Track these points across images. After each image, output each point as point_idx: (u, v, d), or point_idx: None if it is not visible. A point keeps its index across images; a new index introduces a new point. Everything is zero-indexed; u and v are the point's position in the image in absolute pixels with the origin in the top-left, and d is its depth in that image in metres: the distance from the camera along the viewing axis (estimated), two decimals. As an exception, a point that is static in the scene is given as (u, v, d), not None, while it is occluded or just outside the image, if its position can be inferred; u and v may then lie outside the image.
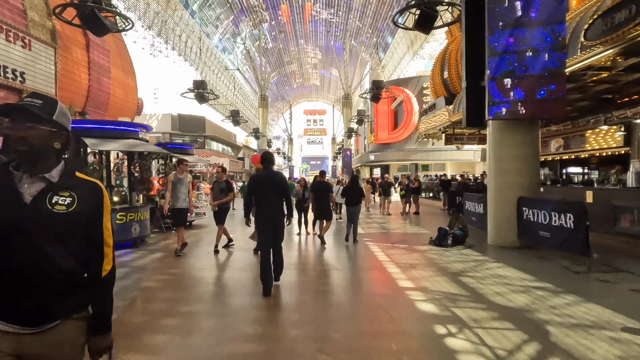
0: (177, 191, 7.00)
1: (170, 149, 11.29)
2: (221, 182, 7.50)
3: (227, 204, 7.70)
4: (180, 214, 7.15)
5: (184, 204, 7.09)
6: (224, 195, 7.43)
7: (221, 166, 7.95)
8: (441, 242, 7.98)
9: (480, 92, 8.43)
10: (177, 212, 7.13)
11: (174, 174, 7.14)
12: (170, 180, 7.08)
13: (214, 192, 7.60)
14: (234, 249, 7.97)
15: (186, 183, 7.08)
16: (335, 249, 8.11)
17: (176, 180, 7.05)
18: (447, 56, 16.62)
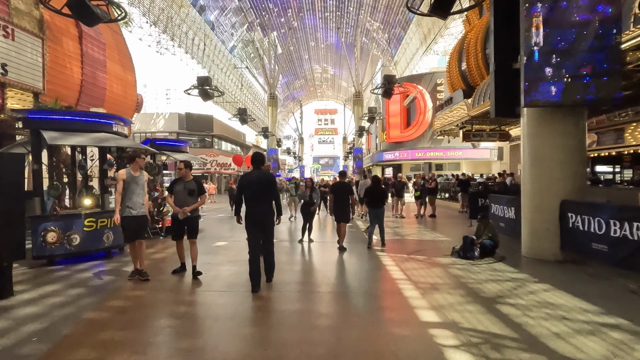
0: (132, 193, 5.40)
1: (159, 146, 10.19)
2: (189, 181, 5.70)
3: (197, 210, 5.89)
4: (135, 223, 5.44)
5: (142, 209, 5.52)
6: (194, 199, 5.67)
7: (184, 161, 5.85)
8: (467, 253, 6.70)
9: (512, 76, 7.15)
10: (131, 221, 5.39)
11: (126, 171, 5.46)
12: (120, 178, 5.38)
13: (178, 195, 5.67)
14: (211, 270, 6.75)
15: (142, 183, 5.58)
16: (340, 263, 6.89)
17: (130, 178, 5.43)
18: (466, 46, 15.29)
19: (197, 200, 5.75)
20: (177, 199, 5.67)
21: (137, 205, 5.46)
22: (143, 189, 5.58)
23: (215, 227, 11.96)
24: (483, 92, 12.41)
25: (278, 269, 5.99)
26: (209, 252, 7.67)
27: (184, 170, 5.72)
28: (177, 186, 5.70)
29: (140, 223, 5.54)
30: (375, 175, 10.42)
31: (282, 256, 7.36)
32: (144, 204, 5.60)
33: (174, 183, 5.76)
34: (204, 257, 6.99)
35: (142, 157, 5.63)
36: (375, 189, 8.28)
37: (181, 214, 5.60)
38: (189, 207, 5.60)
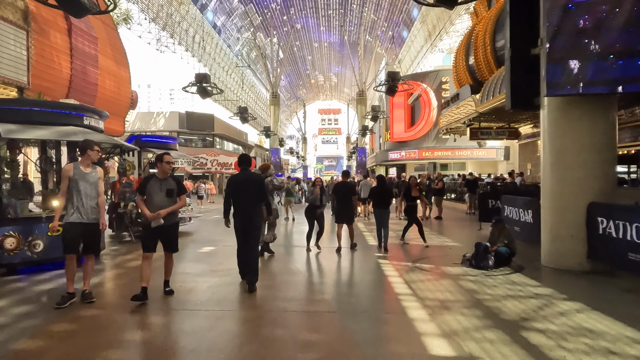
0: (81, 194, 4.35)
1: (145, 143, 9.49)
2: (166, 179, 4.60)
3: (176, 215, 4.78)
4: (82, 232, 4.38)
5: (92, 215, 4.43)
6: (172, 202, 4.58)
7: (161, 154, 4.72)
8: (479, 262, 5.92)
9: (530, 64, 6.35)
10: (76, 228, 4.33)
11: (74, 166, 4.42)
12: (66, 175, 4.36)
13: (153, 198, 4.49)
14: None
15: (95, 182, 4.47)
16: (337, 274, 6.13)
17: (78, 175, 4.37)
18: (473, 39, 14.49)
19: (177, 201, 4.70)
20: (151, 202, 4.51)
21: (87, 209, 4.38)
22: (96, 190, 4.49)
23: (208, 229, 11.22)
24: (493, 87, 11.61)
25: (266, 279, 5.33)
26: (191, 259, 6.93)
27: (164, 166, 4.59)
28: (151, 186, 4.51)
29: (91, 233, 4.44)
30: (380, 174, 9.72)
31: (273, 264, 6.62)
32: (98, 208, 4.51)
33: (147, 182, 4.57)
34: (183, 266, 6.26)
35: (96, 150, 4.58)
36: (381, 188, 7.99)
37: (155, 221, 4.41)
38: (164, 210, 4.50)
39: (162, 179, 4.60)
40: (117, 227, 9.09)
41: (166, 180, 4.62)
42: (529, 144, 18.93)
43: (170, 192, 4.59)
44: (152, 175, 4.65)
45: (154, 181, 4.57)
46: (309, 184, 24.97)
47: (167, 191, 4.56)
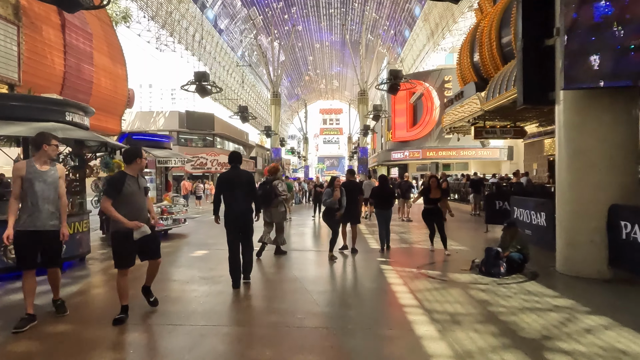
0: (35, 196, 3.66)
1: (137, 141, 9.08)
2: (138, 177, 3.94)
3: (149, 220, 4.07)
4: (40, 241, 3.74)
5: (50, 221, 3.75)
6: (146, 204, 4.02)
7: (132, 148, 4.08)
8: (490, 269, 5.48)
9: (544, 56, 5.96)
10: (31, 239, 3.69)
11: (27, 164, 3.74)
12: (17, 175, 3.68)
13: (131, 200, 3.80)
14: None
15: (54, 181, 3.80)
16: (335, 280, 5.71)
17: (33, 174, 3.69)
18: (478, 35, 14.07)
19: (150, 203, 4.17)
20: (130, 205, 3.77)
21: (44, 214, 3.70)
22: (55, 191, 3.80)
23: (204, 231, 10.80)
24: (499, 83, 11.18)
25: (259, 287, 5.03)
26: (181, 264, 6.52)
27: (143, 162, 3.94)
28: (129, 185, 3.77)
29: (49, 242, 3.78)
30: (382, 174, 9.34)
31: (269, 269, 6.20)
32: (58, 213, 3.82)
33: (122, 180, 3.76)
34: (172, 272, 5.85)
35: (54, 145, 3.89)
36: (384, 188, 7.85)
37: (138, 231, 3.70)
38: (152, 217, 4.05)
39: (137, 176, 3.95)
40: (108, 230, 8.66)
41: (140, 178, 4.03)
42: (534, 143, 18.46)
43: (146, 191, 4.09)
44: (123, 173, 3.90)
45: (130, 179, 3.82)
46: (309, 184, 24.57)
47: (145, 190, 4.04)
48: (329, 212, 6.90)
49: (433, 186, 7.23)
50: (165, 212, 9.35)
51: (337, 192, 6.75)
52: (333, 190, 6.76)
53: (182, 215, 10.23)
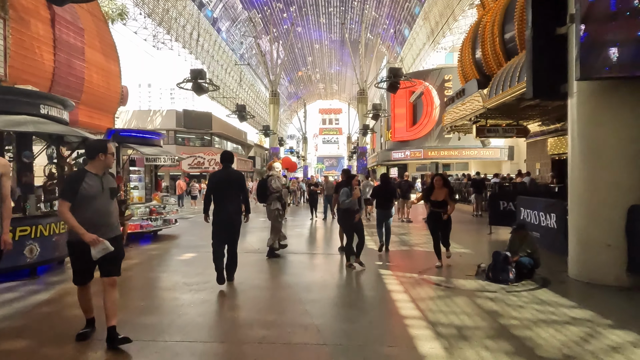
0: None
1: (125, 138, 8.66)
2: (105, 176, 3.26)
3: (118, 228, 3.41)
4: None
5: None
6: (115, 206, 3.38)
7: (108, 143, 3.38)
8: (498, 275, 5.06)
9: (555, 46, 5.55)
10: None
11: None
12: None
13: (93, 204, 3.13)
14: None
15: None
16: (330, 288, 5.28)
17: None
18: (481, 31, 13.68)
19: (116, 203, 3.45)
20: (89, 209, 3.09)
21: None
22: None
23: (195, 232, 10.36)
24: (502, 80, 10.77)
25: (246, 295, 4.69)
26: (166, 269, 6.10)
27: (109, 158, 3.24)
28: (89, 186, 3.11)
29: None
30: (384, 173, 9.00)
31: (261, 274, 5.77)
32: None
33: (78, 179, 3.13)
34: (155, 277, 5.43)
35: None
36: (386, 188, 7.64)
37: (97, 248, 2.99)
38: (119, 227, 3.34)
39: (101, 175, 3.23)
40: None
41: (105, 176, 3.28)
42: (537, 142, 18.05)
43: (114, 193, 3.35)
44: (84, 170, 3.22)
45: (90, 178, 3.14)
46: (307, 184, 24.10)
47: (111, 191, 3.29)
48: (347, 213, 6.06)
49: (438, 186, 5.96)
50: (154, 212, 8.94)
51: (356, 191, 6.07)
52: (352, 189, 6.04)
53: (172, 216, 9.82)
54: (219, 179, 5.17)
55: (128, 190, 8.82)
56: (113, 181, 3.44)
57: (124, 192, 8.54)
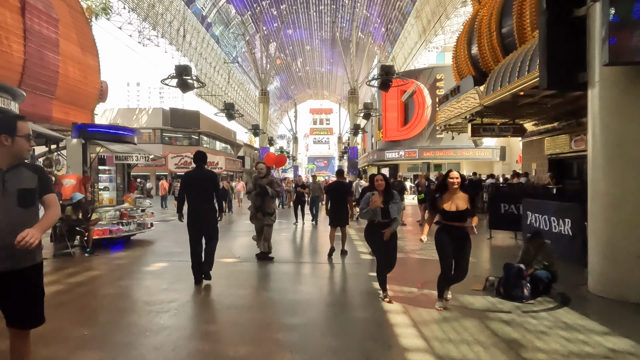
0: None
1: (93, 134, 7.85)
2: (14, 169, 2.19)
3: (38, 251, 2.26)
4: None
5: None
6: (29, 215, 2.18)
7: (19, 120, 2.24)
8: (511, 290, 4.39)
9: (571, 30, 4.91)
10: None
11: None
12: None
13: None
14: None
15: None
16: (315, 306, 4.55)
17: None
18: (477, 25, 13.10)
19: (37, 215, 2.26)
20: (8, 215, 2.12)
21: None
22: None
23: (172, 237, 9.54)
24: (501, 75, 10.16)
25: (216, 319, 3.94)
26: (129, 283, 5.30)
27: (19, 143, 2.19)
28: None
29: None
30: (373, 174, 8.30)
31: (239, 289, 5.02)
32: None
33: None
34: (111, 295, 4.65)
35: None
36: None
37: None
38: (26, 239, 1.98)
39: (5, 169, 2.19)
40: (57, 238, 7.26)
41: (13, 172, 2.20)
42: (533, 142, 17.53)
43: (26, 197, 2.19)
44: None
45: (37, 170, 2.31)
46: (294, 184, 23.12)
47: (20, 195, 2.17)
48: (372, 229, 4.42)
49: (453, 188, 4.04)
50: (125, 215, 8.12)
51: (375, 198, 4.29)
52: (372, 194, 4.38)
53: (147, 219, 9.01)
54: (192, 178, 5.25)
55: (96, 191, 8.00)
56: (28, 179, 2.22)
57: (90, 193, 7.72)
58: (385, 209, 4.33)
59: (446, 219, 4.08)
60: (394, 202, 4.38)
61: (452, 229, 4.07)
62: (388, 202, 4.35)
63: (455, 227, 4.05)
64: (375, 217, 4.36)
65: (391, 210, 4.34)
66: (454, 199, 4.05)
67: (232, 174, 45.57)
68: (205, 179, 5.21)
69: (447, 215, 4.06)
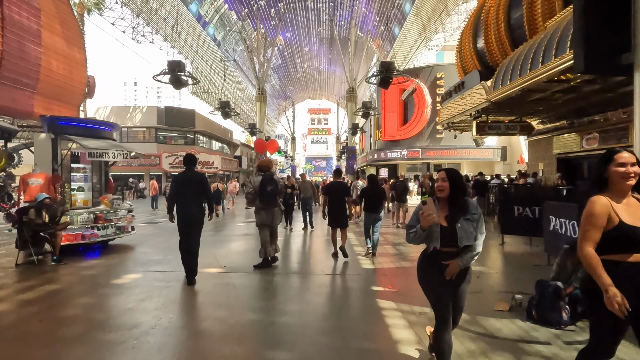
0: None
1: (64, 128, 7.06)
2: None
3: None
4: None
5: None
6: None
7: None
8: (546, 313, 3.62)
9: (614, 4, 4.15)
10: None
11: None
12: None
13: None
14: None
15: None
16: (305, 335, 3.77)
17: None
18: (483, 17, 12.39)
19: None
20: None
21: None
22: None
23: (157, 240, 8.76)
24: (511, 68, 9.43)
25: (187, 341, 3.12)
26: (88, 302, 4.49)
27: None
28: None
29: None
30: (371, 174, 7.87)
31: (212, 309, 4.24)
32: None
33: None
34: (64, 317, 3.85)
35: None
36: (373, 189, 7.18)
37: None
38: None
39: None
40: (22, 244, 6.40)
41: None
42: (540, 140, 16.82)
43: None
44: None
45: None
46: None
47: None
48: (429, 260, 2.70)
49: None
50: (100, 219, 7.32)
51: (430, 209, 2.46)
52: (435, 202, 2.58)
53: (128, 222, 8.20)
54: (182, 180, 5.36)
55: (67, 192, 7.19)
56: None
57: (60, 194, 6.93)
58: (449, 228, 2.51)
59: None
60: (467, 218, 2.52)
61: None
62: (456, 216, 2.52)
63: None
64: (430, 243, 2.57)
65: (461, 231, 2.49)
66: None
67: (229, 174, 44.85)
68: (194, 181, 5.35)
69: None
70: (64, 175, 7.24)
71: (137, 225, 10.49)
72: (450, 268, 2.53)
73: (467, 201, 2.60)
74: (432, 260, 2.62)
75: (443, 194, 2.56)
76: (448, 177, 2.58)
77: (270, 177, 6.01)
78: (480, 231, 2.55)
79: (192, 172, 5.43)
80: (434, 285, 2.64)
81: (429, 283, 2.68)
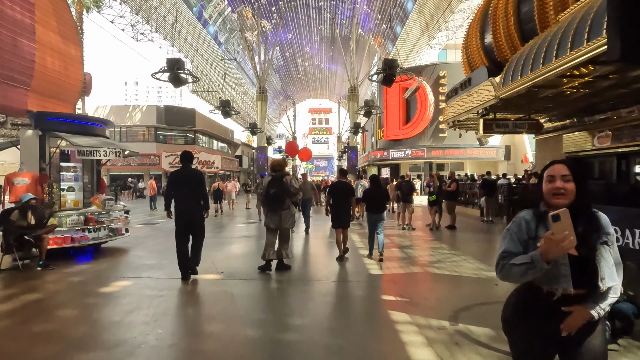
0: None
1: (52, 124, 6.67)
2: None
3: None
4: None
5: None
6: None
7: None
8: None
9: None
10: None
11: None
12: None
13: None
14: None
15: None
16: (315, 355, 3.36)
17: None
18: (491, 11, 11.95)
19: None
20: None
21: None
22: None
23: (153, 243, 8.35)
24: (521, 63, 9.00)
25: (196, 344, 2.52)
26: (70, 315, 4.08)
27: None
28: None
29: None
30: (373, 174, 7.65)
31: (204, 323, 3.83)
32: None
33: None
34: (39, 333, 3.43)
35: None
36: (376, 190, 7.04)
37: None
38: None
39: None
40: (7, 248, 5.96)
41: None
42: (548, 139, 16.40)
43: None
44: None
45: None
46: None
47: None
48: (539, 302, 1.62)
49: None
50: (91, 220, 6.91)
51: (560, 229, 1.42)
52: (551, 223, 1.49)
53: (121, 224, 7.79)
54: (179, 178, 5.37)
55: (56, 192, 6.79)
56: None
57: (48, 194, 6.52)
58: (580, 259, 1.56)
59: None
60: (605, 242, 1.59)
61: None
62: (591, 239, 1.57)
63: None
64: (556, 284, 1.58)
65: (603, 264, 1.56)
66: None
67: (230, 174, 44.48)
68: (191, 179, 5.35)
69: None
70: (53, 175, 6.85)
71: (133, 227, 10.12)
72: (574, 319, 1.55)
73: (597, 214, 1.64)
74: (540, 303, 1.62)
75: (564, 201, 1.59)
76: (572, 172, 1.62)
77: (278, 179, 5.73)
78: (617, 261, 1.62)
79: (189, 170, 5.45)
80: (536, 341, 1.65)
81: (529, 340, 1.67)
